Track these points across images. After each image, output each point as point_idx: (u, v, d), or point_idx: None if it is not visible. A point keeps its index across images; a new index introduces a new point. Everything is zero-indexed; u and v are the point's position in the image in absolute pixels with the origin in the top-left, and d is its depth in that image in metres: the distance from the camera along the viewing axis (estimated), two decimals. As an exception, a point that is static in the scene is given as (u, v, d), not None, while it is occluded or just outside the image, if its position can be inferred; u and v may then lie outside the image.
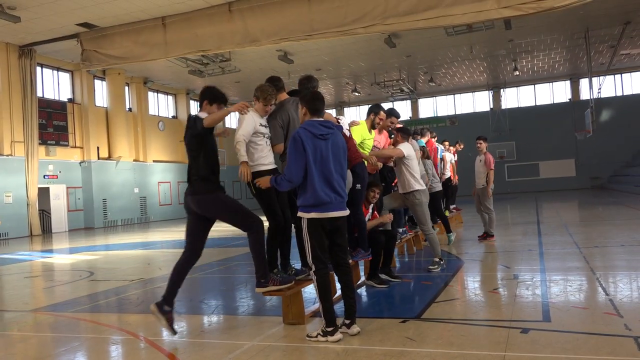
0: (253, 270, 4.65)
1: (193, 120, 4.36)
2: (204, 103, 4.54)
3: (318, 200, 4.03)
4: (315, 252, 4.05)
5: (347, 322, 4.10)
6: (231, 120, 31.18)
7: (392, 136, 7.08)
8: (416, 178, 6.76)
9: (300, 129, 4.13)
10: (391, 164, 7.04)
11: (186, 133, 4.40)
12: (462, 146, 12.47)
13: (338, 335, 3.97)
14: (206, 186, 4.31)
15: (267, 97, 4.64)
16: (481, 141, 9.70)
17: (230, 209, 4.40)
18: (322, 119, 4.24)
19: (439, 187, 9.57)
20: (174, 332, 4.32)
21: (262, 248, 4.39)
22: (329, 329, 3.97)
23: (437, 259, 6.84)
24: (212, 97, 4.50)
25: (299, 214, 4.13)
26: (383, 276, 6.03)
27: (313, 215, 4.05)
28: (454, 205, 12.61)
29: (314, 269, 4.06)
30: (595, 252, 7.76)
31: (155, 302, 4.34)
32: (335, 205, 4.12)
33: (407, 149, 6.76)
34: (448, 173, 11.75)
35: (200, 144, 4.33)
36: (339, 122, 5.27)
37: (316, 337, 4.00)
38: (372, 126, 6.36)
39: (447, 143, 12.25)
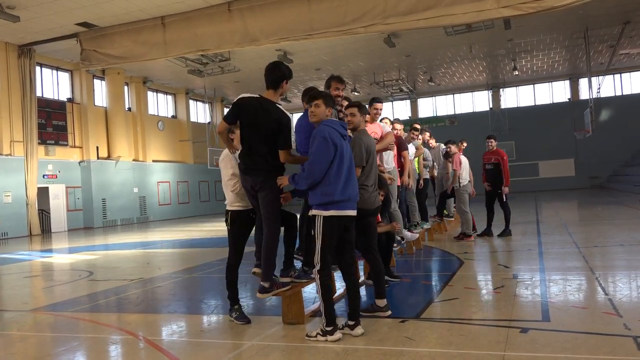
0: (253, 270, 4.67)
1: (287, 125, 4.36)
2: (282, 83, 4.42)
3: (339, 198, 4.01)
4: (324, 252, 4.01)
5: (351, 323, 4.09)
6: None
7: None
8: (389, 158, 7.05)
9: (327, 127, 4.06)
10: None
11: (283, 126, 4.32)
12: (464, 144, 12.36)
13: (337, 335, 3.96)
14: (277, 173, 4.35)
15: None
16: (450, 145, 10.15)
17: (276, 201, 4.40)
18: (339, 120, 4.32)
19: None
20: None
21: (275, 248, 4.40)
22: (329, 329, 3.97)
23: (398, 237, 6.97)
24: (290, 75, 4.47)
25: (314, 211, 4.07)
26: None
27: (332, 212, 4.01)
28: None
29: (318, 267, 4.02)
30: (594, 251, 7.76)
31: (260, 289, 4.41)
32: (353, 204, 4.16)
33: (387, 128, 7.01)
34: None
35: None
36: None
37: (315, 336, 4.00)
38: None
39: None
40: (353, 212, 4.17)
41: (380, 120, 7.46)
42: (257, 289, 4.43)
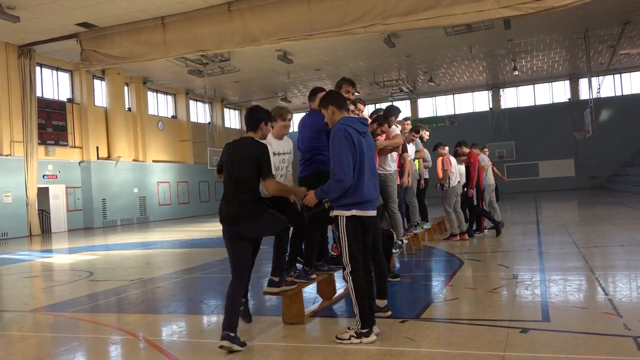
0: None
1: (264, 155, 4.11)
2: (260, 125, 4.28)
3: (362, 198, 3.94)
4: (352, 252, 3.93)
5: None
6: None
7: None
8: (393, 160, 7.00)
9: (344, 125, 3.96)
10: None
11: (251, 158, 4.09)
12: (487, 150, 12.32)
13: (373, 337, 3.87)
14: (259, 208, 4.18)
15: (282, 113, 4.70)
16: (443, 146, 10.33)
17: (270, 222, 4.26)
18: (357, 116, 4.23)
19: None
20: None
21: (286, 248, 4.40)
22: (364, 331, 3.86)
23: (398, 241, 6.88)
24: (267, 117, 4.37)
25: (336, 212, 3.98)
26: None
27: (354, 212, 3.93)
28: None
29: (349, 269, 3.93)
30: (594, 251, 7.76)
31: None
32: (374, 204, 4.11)
33: (396, 130, 6.98)
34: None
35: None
36: None
37: (349, 339, 3.87)
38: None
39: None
40: (374, 213, 4.11)
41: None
42: (268, 282, 4.45)
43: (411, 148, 8.62)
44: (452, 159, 9.99)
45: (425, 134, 9.85)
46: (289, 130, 4.88)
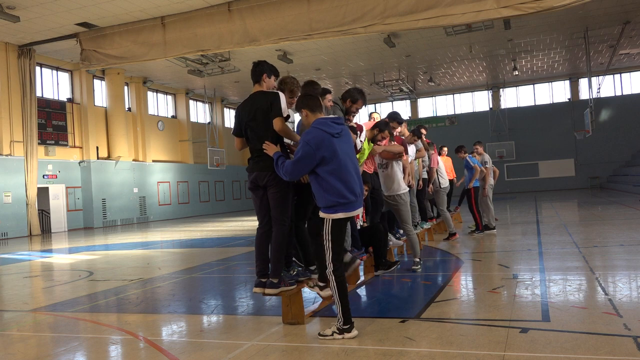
0: (253, 270, 4.66)
1: (276, 100, 4.31)
2: (263, 76, 4.51)
3: (345, 200, 4.01)
4: (335, 252, 4.02)
5: (322, 284, 4.38)
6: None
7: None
8: (402, 179, 6.93)
9: (315, 129, 4.02)
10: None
11: (267, 105, 4.31)
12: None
13: (355, 332, 3.98)
14: None
15: (293, 90, 4.79)
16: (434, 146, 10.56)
17: (287, 195, 4.42)
18: (331, 116, 4.26)
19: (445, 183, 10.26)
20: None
21: (285, 246, 4.43)
22: (346, 327, 3.97)
23: (417, 259, 6.90)
24: (270, 70, 4.55)
25: (322, 214, 4.06)
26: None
27: (340, 215, 4.01)
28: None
29: (332, 268, 4.02)
30: (594, 251, 7.76)
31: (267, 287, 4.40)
32: (359, 202, 4.17)
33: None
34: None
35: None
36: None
37: (332, 335, 3.98)
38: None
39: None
40: (360, 210, 4.21)
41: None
42: (266, 284, 4.44)
43: (412, 149, 8.63)
44: (440, 159, 10.10)
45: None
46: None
